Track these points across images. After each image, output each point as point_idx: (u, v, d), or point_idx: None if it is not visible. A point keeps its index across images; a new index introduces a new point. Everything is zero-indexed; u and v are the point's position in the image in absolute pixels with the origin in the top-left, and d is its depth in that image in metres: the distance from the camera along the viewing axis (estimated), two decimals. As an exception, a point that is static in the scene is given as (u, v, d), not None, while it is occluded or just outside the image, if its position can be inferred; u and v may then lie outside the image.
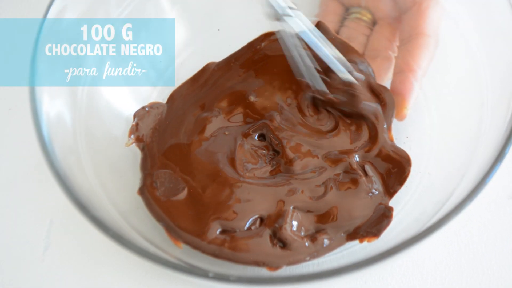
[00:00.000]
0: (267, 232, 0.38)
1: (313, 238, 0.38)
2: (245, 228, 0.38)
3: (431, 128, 0.44)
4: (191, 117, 0.44)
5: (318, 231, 0.38)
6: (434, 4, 0.43)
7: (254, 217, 0.38)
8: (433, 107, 0.45)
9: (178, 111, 0.45)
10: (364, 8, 0.48)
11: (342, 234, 0.38)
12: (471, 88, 0.42)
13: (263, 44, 0.47)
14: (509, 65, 0.39)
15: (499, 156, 0.33)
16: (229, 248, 0.37)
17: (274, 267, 0.36)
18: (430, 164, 0.42)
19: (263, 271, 0.37)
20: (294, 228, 0.38)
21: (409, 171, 0.40)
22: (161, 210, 0.39)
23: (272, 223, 0.38)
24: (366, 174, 0.41)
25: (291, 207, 0.39)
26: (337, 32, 0.49)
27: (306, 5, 0.50)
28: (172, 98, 0.46)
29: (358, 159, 0.42)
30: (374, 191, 0.40)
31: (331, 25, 0.48)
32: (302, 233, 0.38)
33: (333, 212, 0.39)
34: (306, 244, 0.37)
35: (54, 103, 0.39)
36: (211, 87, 0.47)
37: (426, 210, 0.37)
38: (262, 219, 0.39)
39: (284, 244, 0.37)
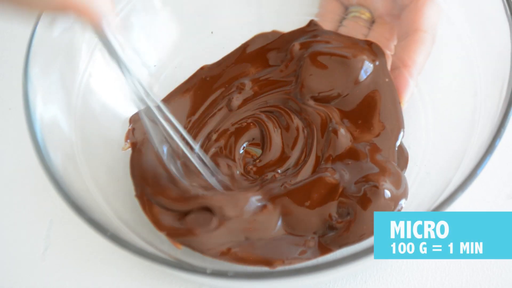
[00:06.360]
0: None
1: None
2: None
3: (426, 121, 0.44)
4: (187, 120, 0.45)
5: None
6: (430, 0, 0.43)
7: None
8: (428, 99, 0.45)
9: (173, 114, 0.45)
10: (363, 7, 0.48)
11: None
12: (464, 79, 0.43)
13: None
14: (500, 55, 0.39)
15: (489, 148, 0.33)
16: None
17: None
18: (426, 157, 0.42)
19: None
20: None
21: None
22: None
23: None
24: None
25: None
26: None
27: (306, 5, 0.50)
28: (167, 101, 0.46)
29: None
30: None
31: (330, 24, 0.48)
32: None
33: None
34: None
35: (49, 107, 0.39)
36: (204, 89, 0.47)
37: (424, 202, 0.37)
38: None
39: None
